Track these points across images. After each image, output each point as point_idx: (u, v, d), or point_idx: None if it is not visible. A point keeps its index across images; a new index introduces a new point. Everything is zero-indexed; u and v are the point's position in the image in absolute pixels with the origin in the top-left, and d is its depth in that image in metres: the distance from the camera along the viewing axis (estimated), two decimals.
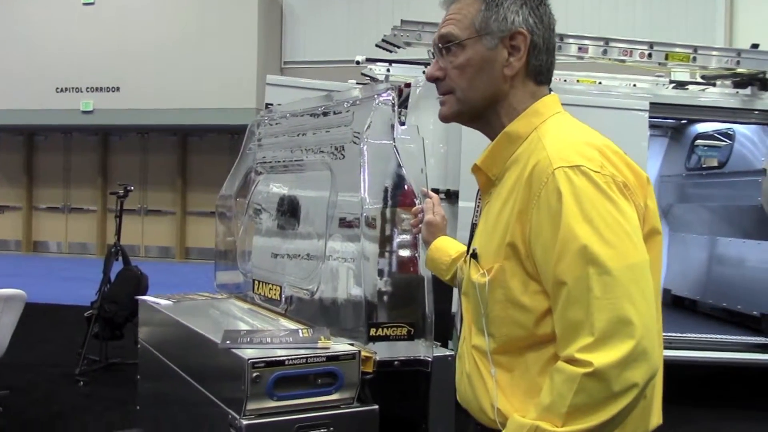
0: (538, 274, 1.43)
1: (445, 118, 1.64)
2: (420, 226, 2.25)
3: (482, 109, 1.59)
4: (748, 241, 6.27)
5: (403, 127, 2.55)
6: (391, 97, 2.47)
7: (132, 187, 7.03)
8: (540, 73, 1.59)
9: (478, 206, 1.70)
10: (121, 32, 14.45)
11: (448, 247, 2.15)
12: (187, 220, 16.34)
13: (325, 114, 2.83)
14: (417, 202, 2.40)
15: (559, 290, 1.37)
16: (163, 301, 3.18)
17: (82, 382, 5.92)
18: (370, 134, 2.47)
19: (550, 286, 1.39)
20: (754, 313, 6.11)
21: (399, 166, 2.45)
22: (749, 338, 5.84)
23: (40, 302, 8.15)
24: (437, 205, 2.23)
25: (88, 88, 14.77)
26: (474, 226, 1.69)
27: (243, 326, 2.76)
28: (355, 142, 2.53)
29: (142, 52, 14.34)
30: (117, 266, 6.58)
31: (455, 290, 2.20)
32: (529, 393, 1.45)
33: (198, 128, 15.52)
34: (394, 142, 2.46)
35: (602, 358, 1.29)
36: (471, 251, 1.58)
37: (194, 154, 16.37)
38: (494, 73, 1.55)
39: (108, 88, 14.68)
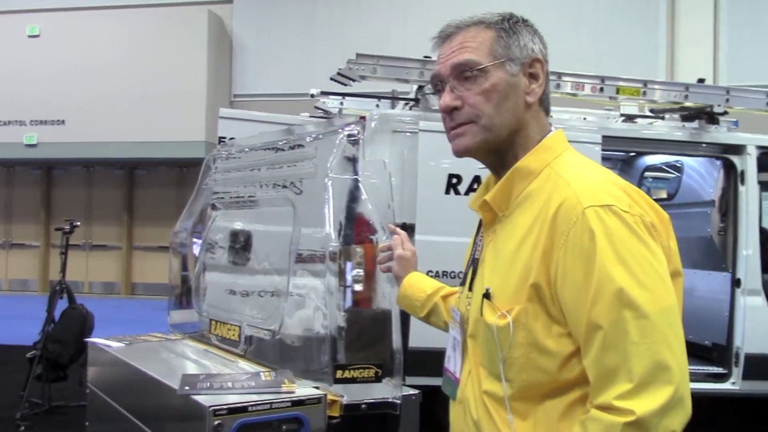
0: (562, 316, 1.37)
1: (467, 149, 1.54)
2: (389, 263, 2.18)
3: (505, 138, 1.52)
4: (698, 272, 6.34)
5: (368, 162, 2.49)
6: (356, 132, 2.42)
7: (78, 223, 6.81)
8: (548, 104, 1.58)
9: (480, 241, 1.63)
10: (67, 65, 14.15)
11: (422, 283, 2.06)
12: (133, 254, 15.97)
13: (287, 148, 2.77)
14: (384, 238, 2.34)
15: (593, 334, 1.31)
16: (114, 344, 3.04)
17: (23, 427, 5.66)
18: (334, 169, 2.41)
19: (583, 329, 1.33)
20: (706, 342, 6.17)
21: (364, 201, 2.40)
22: (701, 368, 5.88)
23: None
24: (406, 240, 2.16)
25: (32, 121, 14.40)
26: (476, 261, 1.61)
27: (201, 370, 2.65)
28: (318, 177, 2.46)
29: (88, 85, 14.04)
30: (62, 304, 6.35)
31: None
32: None
33: (145, 162, 15.26)
34: (359, 176, 2.41)
35: (643, 406, 1.25)
36: (484, 291, 1.49)
37: (141, 188, 16.05)
38: (517, 100, 1.52)
39: (52, 121, 14.34)
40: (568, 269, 1.35)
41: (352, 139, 2.45)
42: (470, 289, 1.60)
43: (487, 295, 1.48)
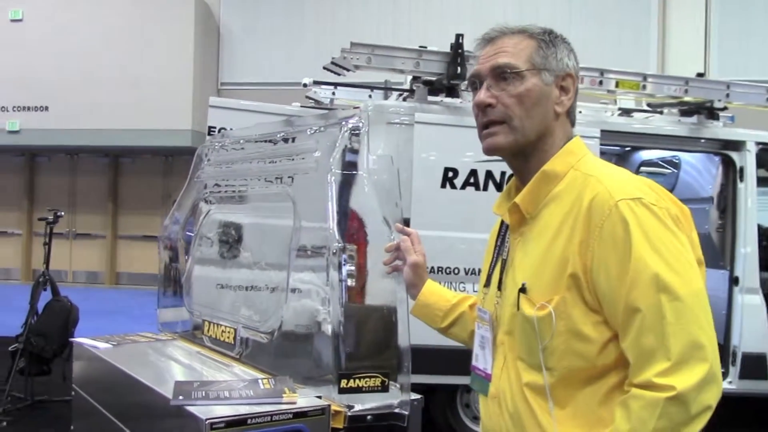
0: (597, 304, 1.46)
1: (498, 148, 1.64)
2: (395, 263, 2.05)
3: (533, 142, 1.62)
4: None
5: (374, 157, 2.34)
6: (360, 124, 2.27)
7: (62, 213, 6.65)
8: (575, 116, 1.69)
9: (506, 243, 1.70)
10: (51, 50, 13.87)
11: (443, 292, 2.00)
12: (118, 244, 15.76)
13: (285, 140, 2.61)
14: (391, 236, 2.20)
15: (632, 317, 1.40)
16: (101, 345, 2.87)
17: (5, 422, 5.50)
18: (336, 163, 2.26)
19: (621, 313, 1.42)
20: None
21: (369, 197, 2.25)
22: None
23: None
24: (417, 242, 2.04)
25: (14, 107, 14.08)
26: (504, 262, 1.68)
27: (194, 376, 2.49)
28: (320, 172, 2.32)
29: (72, 71, 13.76)
30: (45, 296, 6.19)
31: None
32: (590, 426, 1.47)
33: (130, 150, 15.03)
34: (364, 171, 2.26)
35: (683, 381, 1.34)
36: (520, 286, 1.56)
37: (126, 176, 15.82)
38: (547, 109, 1.61)
39: (36, 107, 14.06)
40: (604, 257, 1.44)
41: (356, 131, 2.31)
42: (499, 288, 1.67)
43: (523, 290, 1.55)
